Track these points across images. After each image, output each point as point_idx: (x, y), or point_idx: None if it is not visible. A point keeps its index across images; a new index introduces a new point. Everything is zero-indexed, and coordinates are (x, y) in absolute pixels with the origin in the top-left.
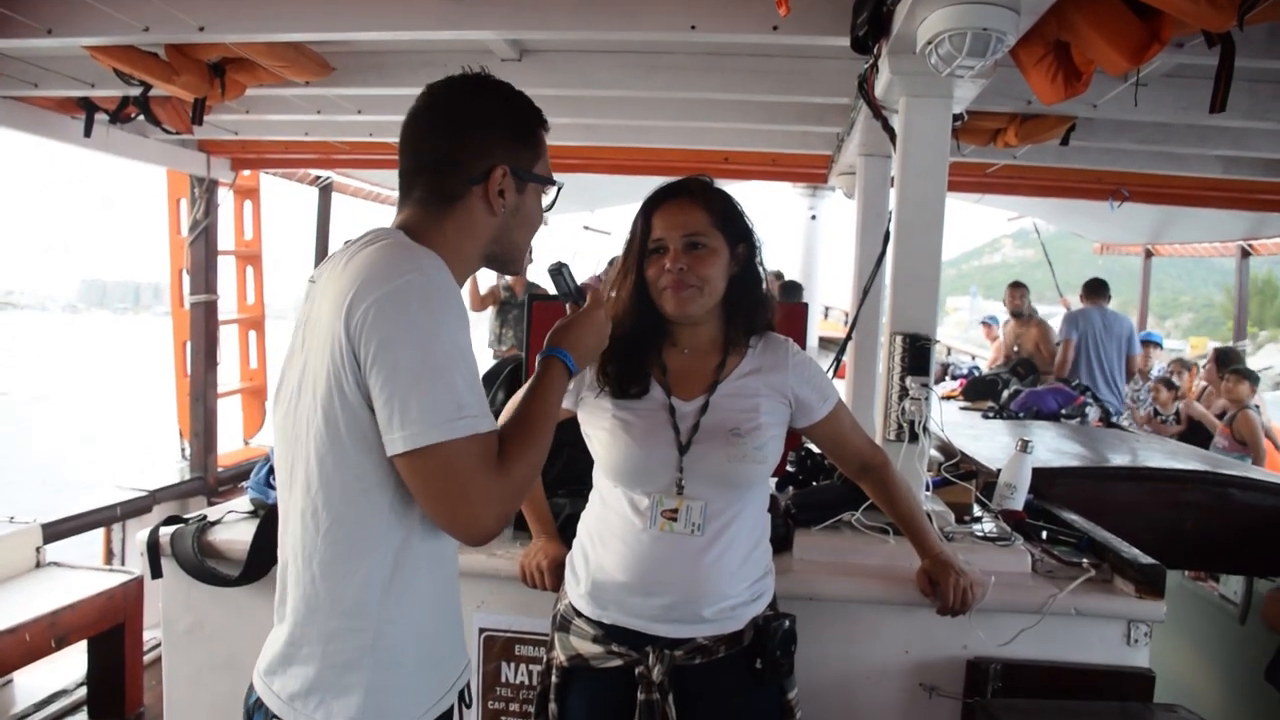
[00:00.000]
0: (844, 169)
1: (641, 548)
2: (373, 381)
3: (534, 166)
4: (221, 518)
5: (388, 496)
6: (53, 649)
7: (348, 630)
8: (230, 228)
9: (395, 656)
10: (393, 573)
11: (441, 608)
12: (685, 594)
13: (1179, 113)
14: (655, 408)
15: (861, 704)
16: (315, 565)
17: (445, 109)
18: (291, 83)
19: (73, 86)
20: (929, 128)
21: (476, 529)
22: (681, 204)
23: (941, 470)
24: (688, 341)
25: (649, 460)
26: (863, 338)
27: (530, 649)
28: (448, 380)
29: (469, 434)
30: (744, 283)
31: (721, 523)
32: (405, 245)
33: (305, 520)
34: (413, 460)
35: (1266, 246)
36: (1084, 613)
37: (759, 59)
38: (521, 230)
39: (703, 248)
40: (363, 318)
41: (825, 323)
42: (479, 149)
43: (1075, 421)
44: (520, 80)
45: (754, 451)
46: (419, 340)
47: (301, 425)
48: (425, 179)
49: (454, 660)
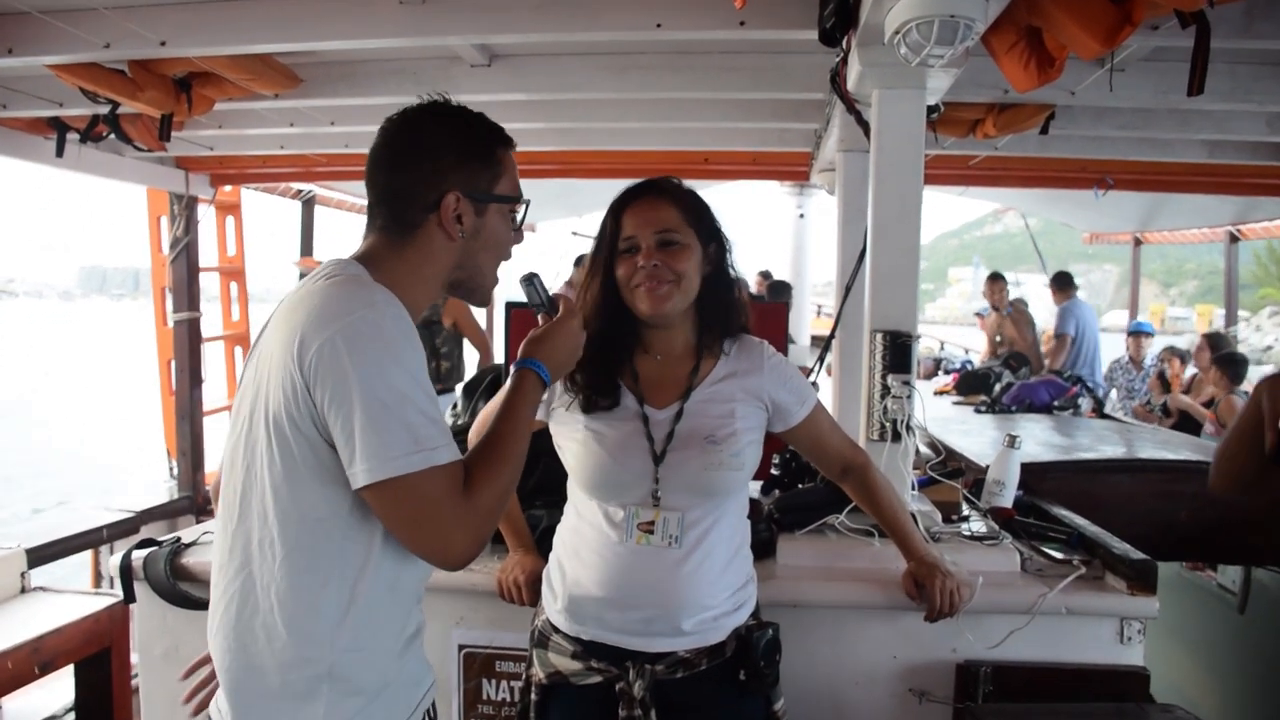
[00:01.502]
0: (824, 165)
1: (619, 561)
2: (330, 419)
3: (494, 187)
4: (197, 539)
5: (342, 527)
6: (37, 675)
7: (304, 660)
8: (213, 244)
9: (354, 685)
10: (350, 601)
11: (404, 633)
12: (664, 607)
13: (1159, 97)
14: (628, 417)
15: (850, 712)
16: (272, 594)
17: (395, 141)
18: (260, 96)
19: (41, 106)
20: (903, 120)
21: (450, 555)
22: (652, 201)
23: (928, 469)
24: (660, 347)
25: (623, 472)
26: (847, 336)
27: (511, 665)
28: (401, 416)
29: (426, 466)
30: (717, 283)
31: (699, 532)
32: (356, 281)
33: (262, 549)
34: (375, 493)
35: (1255, 231)
36: (1075, 611)
37: (729, 56)
38: (486, 254)
39: (676, 244)
40: (316, 356)
41: (817, 321)
42: (430, 177)
43: (1068, 413)
44: (491, 85)
45: (730, 459)
46: (372, 377)
47: (254, 455)
48: (384, 210)
49: (418, 682)
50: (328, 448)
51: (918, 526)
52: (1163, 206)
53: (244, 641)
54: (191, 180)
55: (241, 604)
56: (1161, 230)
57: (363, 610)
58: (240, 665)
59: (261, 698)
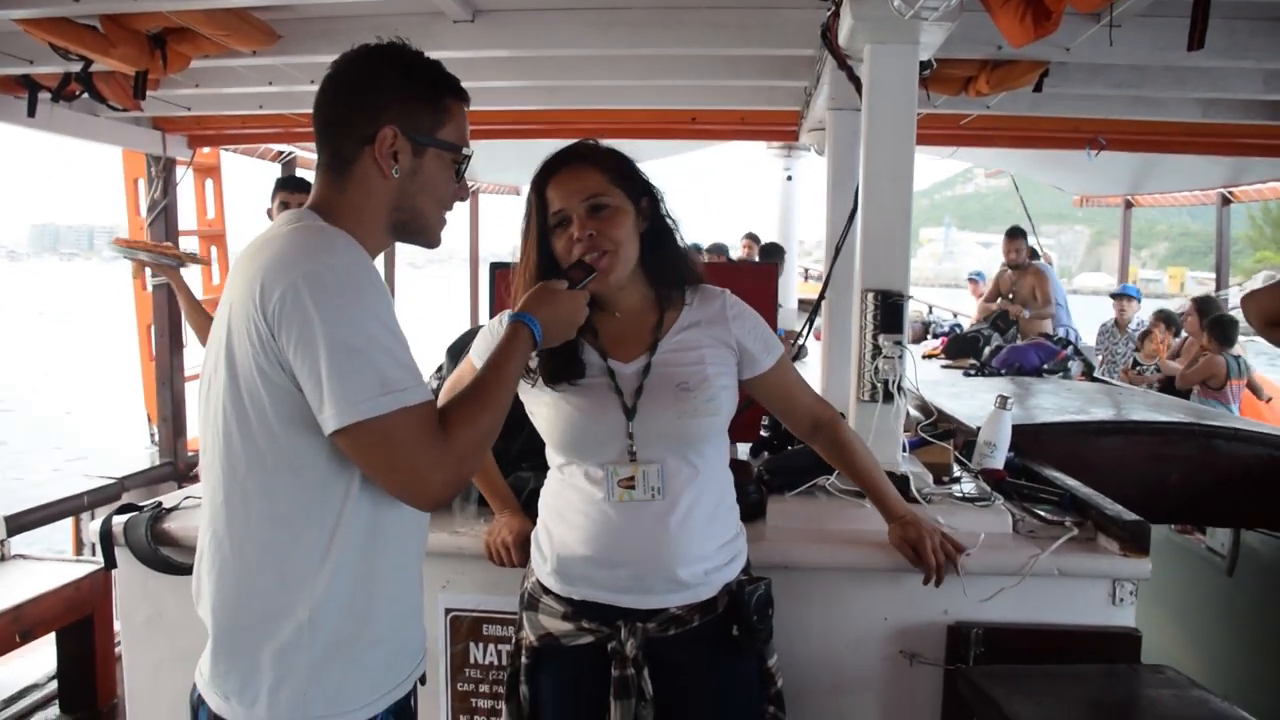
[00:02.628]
0: (814, 125)
1: (604, 519)
2: (296, 366)
3: (435, 131)
4: (178, 504)
5: (319, 476)
6: (18, 643)
7: (283, 610)
8: (192, 207)
9: (335, 638)
10: (326, 552)
11: (389, 590)
12: (654, 561)
13: (1155, 54)
14: (594, 374)
15: (842, 674)
16: (246, 548)
17: (341, 74)
18: (237, 53)
19: (10, 64)
20: (895, 76)
21: (426, 495)
22: (575, 170)
23: (919, 430)
24: (618, 305)
25: (596, 429)
26: (837, 297)
27: (499, 629)
28: (368, 359)
29: (395, 408)
30: (658, 237)
31: (680, 482)
32: (317, 228)
33: (233, 503)
34: (345, 437)
35: (1247, 193)
36: (1067, 573)
37: (717, 10)
38: (424, 196)
39: (608, 209)
40: (279, 303)
41: (804, 285)
42: (369, 109)
43: (1058, 376)
44: (475, 42)
45: (705, 404)
46: (336, 322)
47: (226, 407)
48: (325, 143)
49: (409, 646)
50: (298, 395)
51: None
52: (1154, 168)
53: (224, 595)
54: (169, 142)
55: (219, 557)
56: (1153, 193)
57: (341, 559)
58: (221, 619)
59: (244, 650)
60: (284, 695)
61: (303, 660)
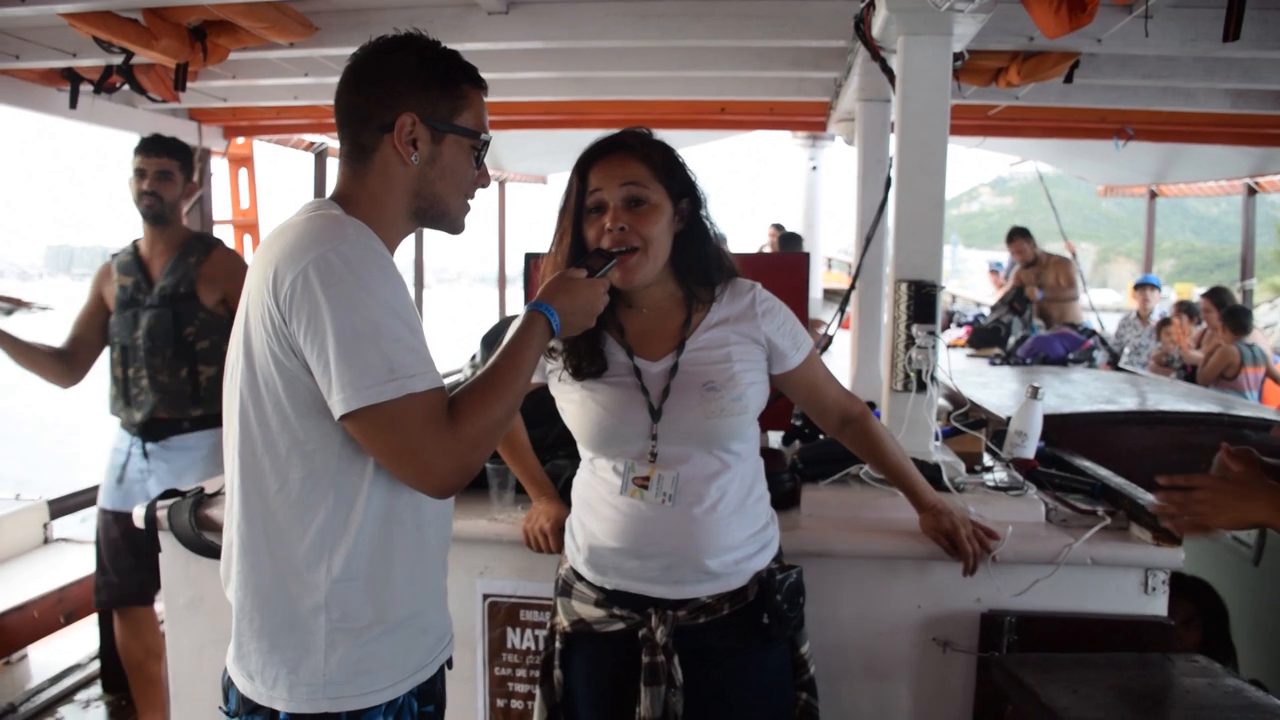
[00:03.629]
0: (843, 115)
1: (633, 512)
2: (307, 351)
3: (454, 118)
4: (220, 489)
5: (334, 459)
6: (62, 624)
7: (301, 592)
8: (226, 197)
9: (350, 621)
10: (341, 534)
11: (406, 575)
12: (683, 552)
13: (1186, 45)
14: (621, 372)
15: (875, 660)
16: (265, 530)
17: (361, 64)
18: (275, 45)
19: (55, 57)
20: (929, 68)
21: (433, 482)
22: (619, 158)
23: (951, 420)
24: (644, 302)
25: (621, 427)
26: (866, 287)
27: (535, 614)
28: (375, 345)
29: (402, 395)
30: (691, 239)
31: (706, 479)
32: (330, 216)
33: (253, 486)
34: (353, 422)
35: (1274, 183)
36: (1100, 562)
37: (750, 3)
38: (444, 183)
39: (644, 203)
40: (290, 290)
41: (829, 274)
42: (387, 97)
43: (1083, 366)
44: (509, 34)
45: (732, 404)
46: (346, 308)
47: (244, 392)
48: (345, 133)
49: (431, 630)
50: (309, 380)
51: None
52: (1178, 158)
53: (244, 576)
54: (205, 132)
55: (240, 539)
56: (1177, 183)
57: (356, 543)
58: (243, 599)
59: (264, 631)
60: (302, 676)
61: (318, 643)
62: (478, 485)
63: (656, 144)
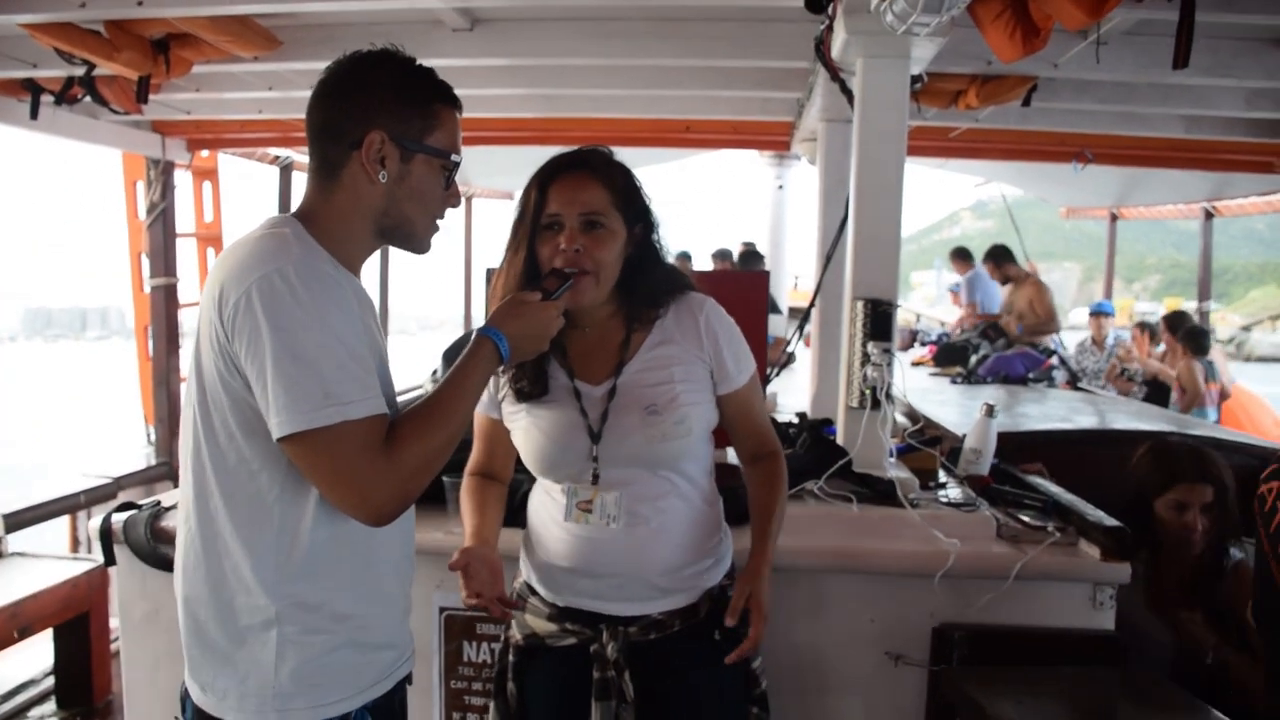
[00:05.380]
0: (806, 135)
1: (581, 533)
2: (249, 371)
3: (425, 137)
4: (177, 503)
5: (279, 479)
6: (15, 639)
7: (250, 607)
8: (190, 210)
9: (301, 637)
10: (290, 552)
11: (357, 593)
12: (633, 572)
13: (1140, 71)
14: (561, 395)
15: (827, 674)
16: (215, 545)
17: (333, 78)
18: (239, 58)
19: (15, 67)
20: (887, 89)
21: (368, 509)
22: (581, 179)
23: (906, 436)
24: (586, 321)
25: (562, 452)
26: (827, 305)
27: (491, 627)
28: (313, 370)
29: (336, 421)
30: (641, 263)
31: (653, 499)
32: (280, 235)
33: (202, 502)
34: (289, 446)
35: (1230, 208)
36: (1049, 577)
37: (713, 23)
38: (412, 203)
39: (601, 229)
40: (234, 309)
41: (795, 293)
42: (357, 115)
43: (1043, 385)
44: (473, 50)
45: (674, 427)
46: (284, 331)
47: (195, 408)
48: (314, 148)
49: (387, 647)
50: (252, 400)
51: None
52: (1140, 182)
53: (195, 589)
54: (168, 145)
55: (190, 555)
56: (1138, 205)
57: (306, 561)
58: (195, 610)
59: (215, 643)
60: (251, 687)
61: (269, 655)
62: (434, 499)
63: (619, 167)
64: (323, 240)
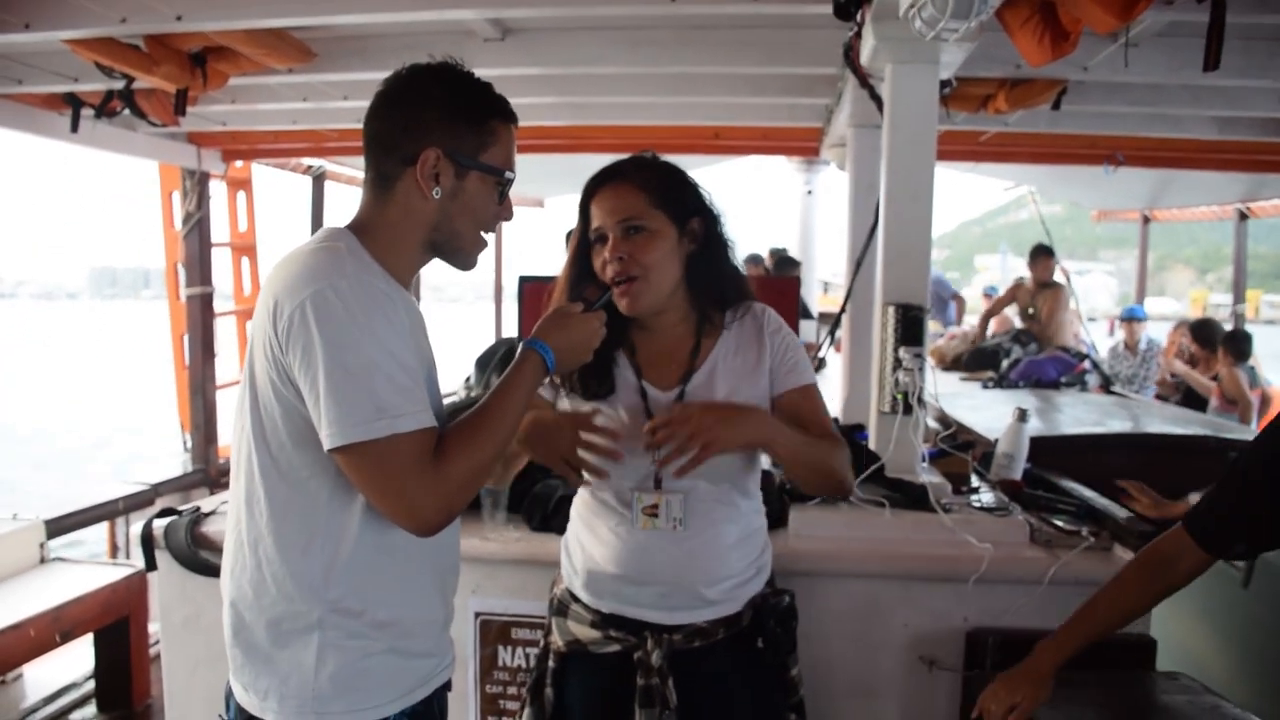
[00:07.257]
0: (835, 141)
1: (633, 539)
2: (301, 384)
3: (479, 154)
4: (216, 509)
5: (327, 487)
6: (58, 643)
7: (293, 613)
8: (224, 219)
9: (342, 642)
10: (334, 559)
11: (399, 600)
12: (682, 581)
13: (1171, 73)
14: (629, 396)
15: (862, 679)
16: (260, 550)
17: (391, 91)
18: (274, 70)
19: (56, 82)
20: (916, 95)
21: (415, 520)
22: (616, 188)
23: (938, 441)
24: (656, 324)
25: (629, 454)
26: (858, 311)
27: (527, 632)
28: (365, 383)
29: (388, 434)
30: (707, 259)
31: (708, 509)
32: (333, 249)
33: (250, 508)
34: (341, 457)
35: (1265, 209)
36: (1084, 581)
37: (743, 30)
38: (464, 219)
39: (643, 231)
40: (287, 322)
41: (825, 298)
42: (413, 130)
43: (1075, 389)
44: (504, 60)
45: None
46: (337, 344)
47: (246, 416)
48: (370, 159)
49: (427, 654)
50: (304, 410)
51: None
52: (1171, 184)
53: (241, 592)
54: (204, 156)
55: (238, 559)
56: (1170, 208)
57: (350, 568)
58: (240, 612)
59: (258, 645)
60: (292, 689)
61: (309, 659)
62: (470, 505)
63: (656, 168)
64: (375, 252)
